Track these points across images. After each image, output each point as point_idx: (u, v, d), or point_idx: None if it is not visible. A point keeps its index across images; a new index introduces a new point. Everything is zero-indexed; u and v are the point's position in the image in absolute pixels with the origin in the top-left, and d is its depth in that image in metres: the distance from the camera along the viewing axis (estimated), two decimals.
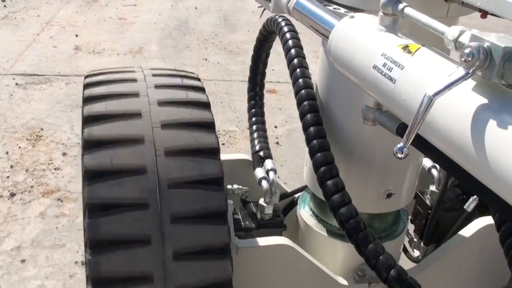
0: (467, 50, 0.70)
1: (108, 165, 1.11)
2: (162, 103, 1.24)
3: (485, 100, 0.72)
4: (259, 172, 1.58)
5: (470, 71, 0.71)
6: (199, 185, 1.13)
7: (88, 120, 1.18)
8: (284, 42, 1.39)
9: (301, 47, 1.37)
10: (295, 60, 1.33)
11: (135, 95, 1.25)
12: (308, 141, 1.22)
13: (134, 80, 1.33)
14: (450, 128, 0.75)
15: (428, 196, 1.65)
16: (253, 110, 1.79)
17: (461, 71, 0.72)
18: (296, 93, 1.29)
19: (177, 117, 1.21)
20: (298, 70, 1.32)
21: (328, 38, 1.10)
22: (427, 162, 1.68)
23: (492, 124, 0.69)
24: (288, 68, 1.36)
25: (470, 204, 1.61)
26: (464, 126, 0.72)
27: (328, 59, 1.29)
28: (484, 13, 0.87)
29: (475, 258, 1.56)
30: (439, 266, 1.50)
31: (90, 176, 1.09)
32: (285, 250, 1.40)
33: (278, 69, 4.54)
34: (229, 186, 1.57)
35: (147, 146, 1.13)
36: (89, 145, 1.13)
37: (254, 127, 1.76)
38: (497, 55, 0.68)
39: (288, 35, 1.38)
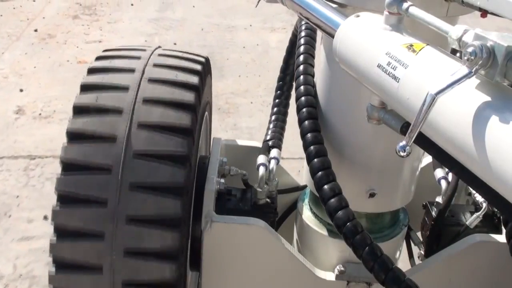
0: (470, 49, 0.70)
1: (84, 130, 1.27)
2: (152, 81, 1.39)
3: (487, 99, 0.72)
4: (260, 159, 1.63)
5: (473, 70, 0.71)
6: (159, 159, 1.25)
7: (82, 89, 1.37)
8: (298, 47, 1.45)
9: (311, 54, 1.41)
10: (301, 67, 1.39)
11: (131, 71, 1.42)
12: (305, 147, 1.27)
13: (139, 58, 1.48)
14: (452, 126, 0.76)
15: (434, 207, 1.64)
16: (277, 100, 1.84)
17: (464, 70, 0.72)
18: (296, 99, 1.35)
19: (159, 95, 1.35)
20: (301, 77, 1.37)
21: (330, 34, 1.11)
22: (438, 173, 1.68)
23: (494, 122, 0.69)
24: (294, 72, 1.41)
25: (473, 221, 1.59)
26: (466, 124, 0.73)
27: (329, 57, 1.31)
28: (484, 12, 0.87)
29: (468, 277, 1.55)
30: (425, 277, 1.49)
31: (69, 137, 1.28)
32: (257, 232, 1.44)
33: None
34: (226, 167, 1.64)
35: (124, 118, 1.29)
36: (76, 111, 1.31)
37: (274, 117, 1.82)
38: (500, 54, 0.68)
39: (302, 40, 1.45)
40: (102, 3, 6.29)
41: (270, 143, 1.72)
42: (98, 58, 1.50)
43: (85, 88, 1.37)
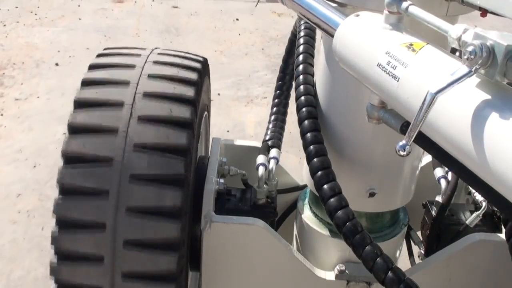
0: (469, 48, 0.70)
1: (87, 123, 1.31)
2: (152, 76, 1.42)
3: (487, 98, 0.72)
4: (260, 159, 1.63)
5: (473, 69, 0.71)
6: (161, 151, 1.28)
7: (83, 84, 1.40)
8: (297, 46, 1.45)
9: (311, 54, 1.42)
10: (300, 66, 1.40)
11: (132, 66, 1.46)
12: (305, 147, 1.27)
13: (139, 55, 1.54)
14: (452, 125, 0.76)
15: (434, 206, 1.64)
16: (276, 100, 1.85)
17: (464, 69, 0.72)
18: (296, 99, 1.35)
19: (159, 89, 1.38)
20: (301, 76, 1.38)
21: (330, 34, 1.11)
22: (438, 172, 1.68)
23: (493, 121, 0.69)
24: (293, 71, 1.41)
25: (473, 220, 1.58)
26: (466, 123, 0.73)
27: (328, 56, 1.31)
28: (484, 12, 0.87)
29: (468, 276, 1.55)
30: (425, 277, 1.49)
31: (69, 131, 1.29)
32: (257, 232, 1.45)
33: None
34: (225, 167, 1.64)
35: (125, 111, 1.32)
36: (78, 105, 1.35)
37: (273, 116, 1.82)
38: (499, 53, 0.68)
39: (301, 40, 1.46)
40: (16, 63, 4.41)
41: (269, 143, 1.72)
42: (99, 56, 1.52)
43: (87, 83, 1.38)
